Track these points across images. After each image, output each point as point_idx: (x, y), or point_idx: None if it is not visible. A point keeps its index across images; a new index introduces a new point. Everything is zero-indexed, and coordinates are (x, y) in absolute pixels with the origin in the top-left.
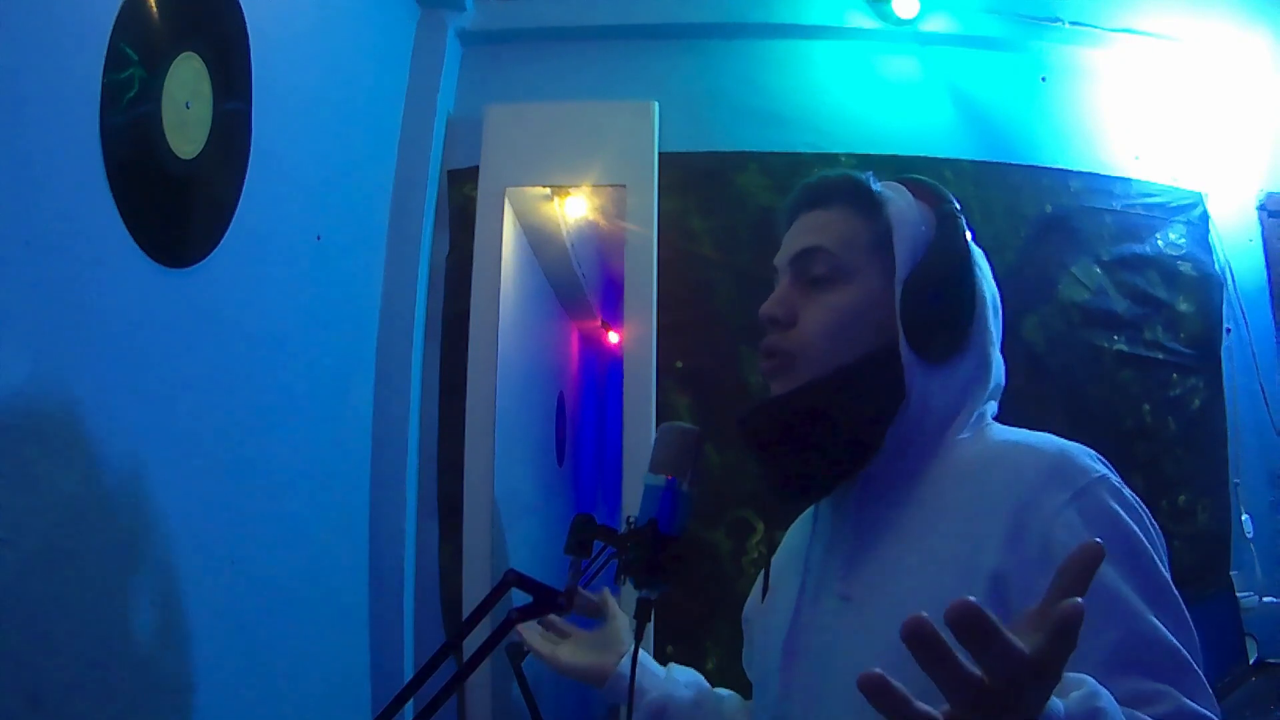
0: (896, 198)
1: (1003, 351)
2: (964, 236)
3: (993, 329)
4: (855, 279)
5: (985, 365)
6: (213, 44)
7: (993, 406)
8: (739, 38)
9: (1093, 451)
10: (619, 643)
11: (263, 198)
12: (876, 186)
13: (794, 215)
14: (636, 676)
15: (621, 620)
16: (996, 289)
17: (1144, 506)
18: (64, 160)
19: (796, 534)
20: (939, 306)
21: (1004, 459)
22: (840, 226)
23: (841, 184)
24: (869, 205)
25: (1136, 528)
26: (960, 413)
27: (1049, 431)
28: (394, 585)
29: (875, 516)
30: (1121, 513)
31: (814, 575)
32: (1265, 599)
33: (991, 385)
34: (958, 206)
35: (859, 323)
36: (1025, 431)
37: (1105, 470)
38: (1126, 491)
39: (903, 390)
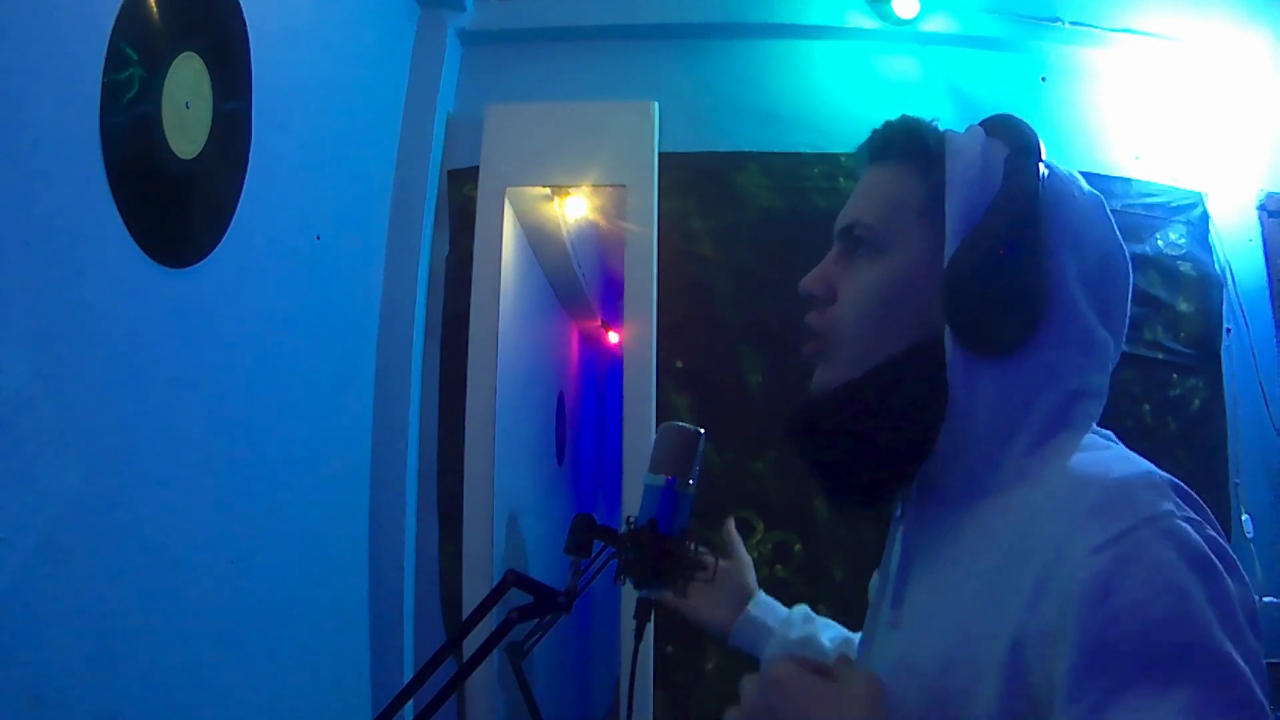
0: (966, 146)
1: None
2: (1035, 190)
3: (1085, 312)
4: (898, 250)
5: (1062, 360)
6: (213, 44)
7: (1085, 410)
8: (739, 38)
9: (1166, 481)
10: (744, 589)
11: (263, 198)
12: (937, 132)
13: (861, 174)
14: (766, 616)
15: (746, 562)
16: (1114, 254)
17: (1225, 557)
18: (64, 160)
19: None
20: (990, 286)
21: (1053, 497)
22: (887, 188)
23: (897, 133)
24: (926, 158)
25: (1196, 586)
26: (1024, 422)
27: None
28: (394, 585)
29: (924, 541)
30: (1178, 564)
31: (884, 593)
32: (1265, 599)
33: (1073, 386)
34: (1036, 150)
35: (899, 303)
36: (1106, 456)
37: (1170, 505)
38: (1194, 536)
39: (946, 390)
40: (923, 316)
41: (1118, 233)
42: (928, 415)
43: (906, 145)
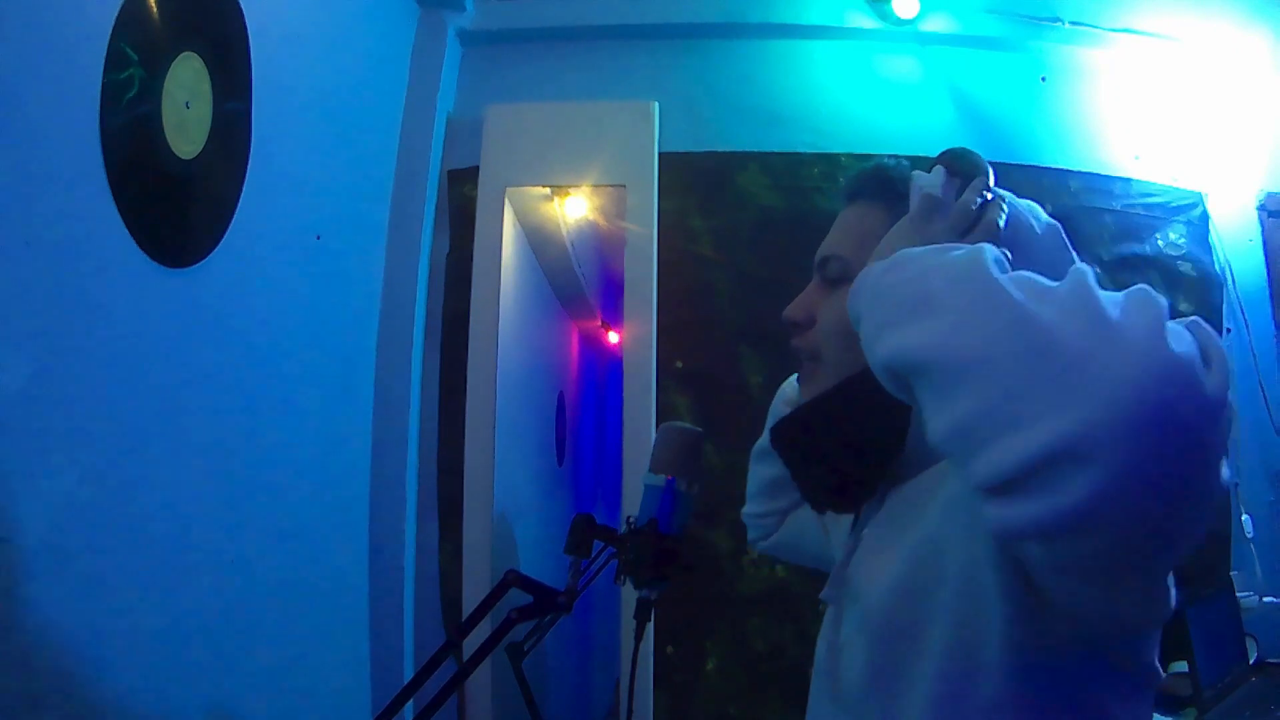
0: (927, 183)
1: None
2: (997, 228)
3: None
4: None
5: None
6: (213, 44)
7: None
8: (739, 38)
9: None
10: None
11: (263, 198)
12: (904, 174)
13: (839, 210)
14: None
15: None
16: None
17: None
18: (64, 160)
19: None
20: None
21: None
22: (857, 223)
23: (869, 176)
24: (893, 196)
25: None
26: None
27: None
28: (394, 585)
29: (887, 519)
30: None
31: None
32: (1265, 599)
33: None
34: (987, 189)
35: None
36: None
37: None
38: None
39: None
40: None
41: (1074, 254)
42: (894, 419)
43: (876, 186)
